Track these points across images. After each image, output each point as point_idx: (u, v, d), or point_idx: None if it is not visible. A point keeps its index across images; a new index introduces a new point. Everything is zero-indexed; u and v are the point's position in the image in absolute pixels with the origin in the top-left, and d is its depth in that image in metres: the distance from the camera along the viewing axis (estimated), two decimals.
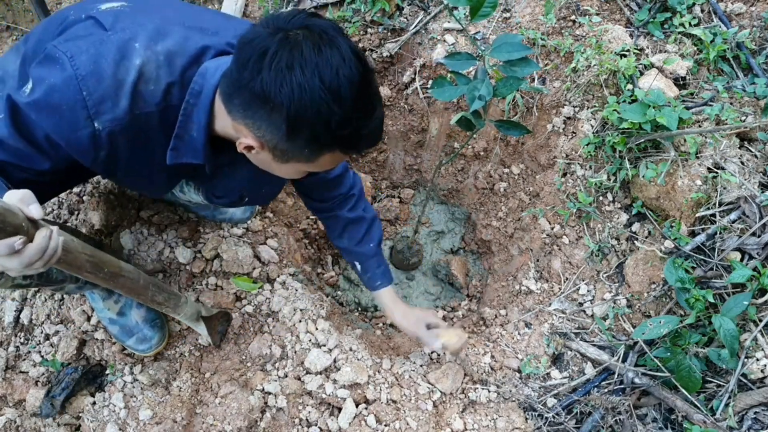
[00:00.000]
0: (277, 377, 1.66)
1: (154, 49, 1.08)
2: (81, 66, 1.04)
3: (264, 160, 1.15)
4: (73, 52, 1.05)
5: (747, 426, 1.46)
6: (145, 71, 1.07)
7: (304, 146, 1.05)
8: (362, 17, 2.24)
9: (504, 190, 2.30)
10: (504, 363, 1.73)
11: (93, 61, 1.05)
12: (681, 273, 1.58)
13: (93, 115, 1.05)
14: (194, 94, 1.13)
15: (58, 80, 1.04)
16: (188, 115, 1.15)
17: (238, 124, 1.08)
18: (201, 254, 1.85)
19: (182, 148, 1.20)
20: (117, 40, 1.07)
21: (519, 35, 1.76)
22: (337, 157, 1.12)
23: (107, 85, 1.05)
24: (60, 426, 1.64)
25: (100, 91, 1.04)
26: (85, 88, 1.04)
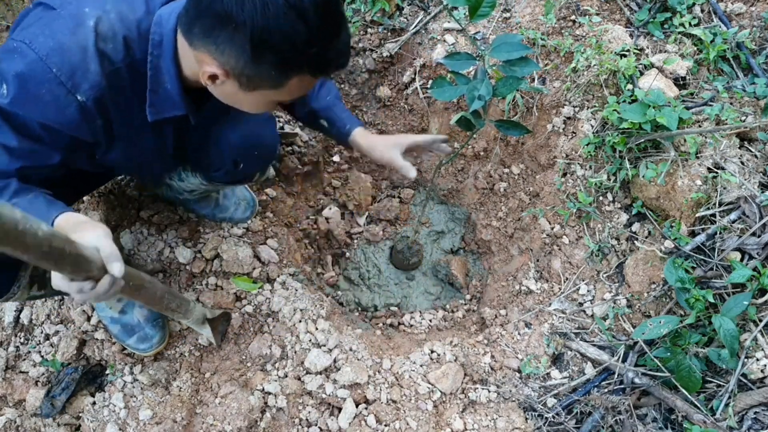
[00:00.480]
0: (277, 377, 1.66)
1: (104, 8, 1.09)
2: (40, 47, 1.04)
3: (230, 92, 1.12)
4: (30, 37, 1.05)
5: (747, 426, 1.46)
6: (100, 31, 1.07)
7: (270, 69, 1.03)
8: (362, 17, 2.24)
9: (504, 190, 2.30)
10: (504, 363, 1.73)
11: (50, 37, 1.05)
12: (681, 273, 1.58)
13: (71, 88, 1.06)
14: (156, 44, 1.12)
15: (24, 67, 1.04)
16: (156, 67, 1.14)
17: (200, 53, 1.05)
18: (201, 254, 1.85)
19: (160, 103, 1.19)
20: (67, 13, 1.08)
21: (518, 35, 1.75)
22: (305, 82, 1.10)
23: (72, 54, 1.05)
24: (60, 426, 1.64)
25: (67, 63, 1.05)
26: (53, 65, 1.04)
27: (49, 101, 1.06)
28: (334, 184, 2.50)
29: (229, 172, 1.51)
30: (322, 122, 1.65)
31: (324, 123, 1.65)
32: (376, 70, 2.30)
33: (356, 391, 1.65)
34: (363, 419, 1.59)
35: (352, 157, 2.50)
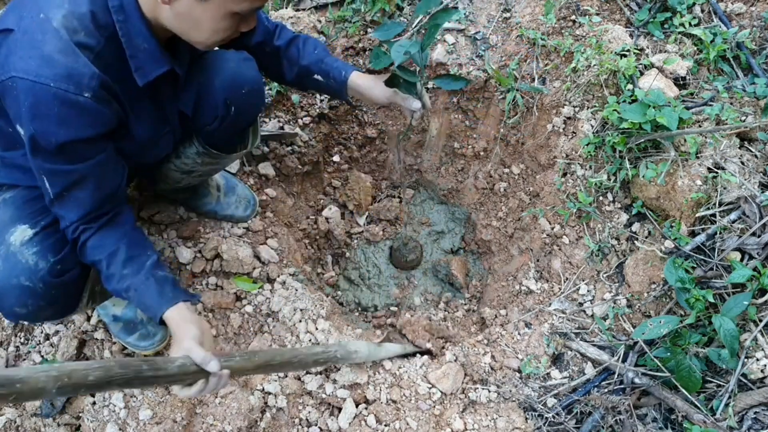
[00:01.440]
0: (277, 377, 1.66)
1: (56, 4, 1.09)
2: (27, 71, 1.06)
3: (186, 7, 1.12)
4: (11, 69, 1.07)
5: (747, 426, 1.46)
6: (67, 25, 1.08)
7: None
8: (362, 17, 2.24)
9: (504, 190, 2.30)
10: (504, 363, 1.73)
11: (29, 58, 1.06)
12: (681, 273, 1.58)
13: (76, 91, 1.08)
14: (117, 9, 1.13)
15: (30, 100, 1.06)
16: (127, 32, 1.15)
17: None
18: (201, 254, 1.85)
19: (145, 65, 1.20)
20: (28, 27, 1.08)
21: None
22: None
23: (57, 61, 1.06)
24: (60, 426, 1.64)
25: (59, 71, 1.06)
26: (48, 80, 1.06)
27: (67, 114, 1.09)
28: (334, 184, 2.50)
29: (224, 120, 1.52)
30: (316, 77, 1.61)
31: (318, 77, 1.61)
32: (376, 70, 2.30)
33: (356, 391, 1.65)
34: (363, 419, 1.59)
35: (352, 157, 2.50)
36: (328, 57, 1.62)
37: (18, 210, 1.31)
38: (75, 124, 1.11)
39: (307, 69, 1.60)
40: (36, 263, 1.26)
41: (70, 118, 1.10)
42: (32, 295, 1.27)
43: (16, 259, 1.26)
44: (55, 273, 1.28)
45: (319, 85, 1.63)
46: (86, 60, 1.09)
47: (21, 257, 1.26)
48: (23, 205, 1.32)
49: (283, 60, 1.60)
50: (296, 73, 1.61)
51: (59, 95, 1.07)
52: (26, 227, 1.29)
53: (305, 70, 1.60)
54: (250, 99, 1.57)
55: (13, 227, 1.29)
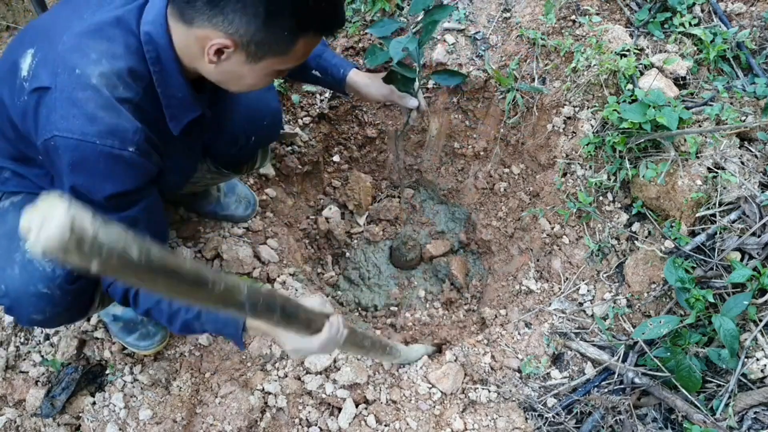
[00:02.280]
0: (277, 377, 1.66)
1: (91, 59, 1.08)
2: (71, 130, 1.05)
3: (234, 67, 1.12)
4: (55, 129, 1.06)
5: (747, 426, 1.46)
6: (106, 82, 1.07)
7: (283, 31, 1.04)
8: (362, 17, 2.24)
9: (504, 190, 2.30)
10: (504, 363, 1.73)
11: (72, 117, 1.06)
12: (681, 273, 1.58)
13: (121, 147, 1.08)
14: (154, 61, 1.12)
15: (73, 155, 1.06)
16: (163, 83, 1.15)
17: (204, 29, 1.05)
18: (201, 254, 1.85)
19: (178, 113, 1.20)
20: (66, 85, 1.07)
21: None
22: (310, 44, 1.11)
23: (100, 119, 1.06)
24: (60, 426, 1.64)
25: (103, 129, 1.06)
26: (93, 138, 1.05)
27: (113, 169, 1.10)
28: (334, 184, 2.50)
29: (243, 149, 1.54)
30: (314, 73, 1.62)
31: (316, 73, 1.62)
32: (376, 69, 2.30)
33: (356, 391, 1.65)
34: (363, 419, 1.59)
35: (352, 157, 2.50)
36: (326, 52, 1.62)
37: None
38: (122, 177, 1.12)
39: (305, 64, 1.59)
40: (53, 270, 1.26)
41: (116, 173, 1.10)
42: (50, 302, 1.27)
43: (33, 267, 1.26)
44: (71, 279, 1.28)
45: (317, 80, 1.64)
46: (128, 115, 1.09)
47: (38, 264, 1.26)
48: None
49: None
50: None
51: (104, 152, 1.06)
52: None
53: (304, 66, 1.59)
54: (270, 129, 1.60)
55: None
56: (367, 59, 1.61)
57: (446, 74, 1.68)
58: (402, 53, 1.45)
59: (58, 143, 1.06)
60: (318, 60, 1.60)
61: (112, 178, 1.10)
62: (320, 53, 1.60)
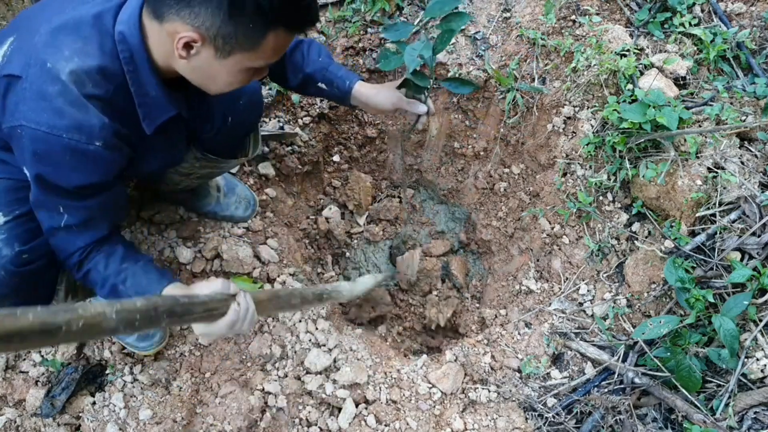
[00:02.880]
0: (277, 377, 1.66)
1: (63, 55, 1.09)
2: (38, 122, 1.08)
3: (204, 63, 1.12)
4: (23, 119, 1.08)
5: (747, 426, 1.46)
6: (75, 78, 1.09)
7: (248, 22, 1.04)
8: (362, 17, 2.24)
9: (504, 190, 2.30)
10: (504, 363, 1.74)
11: (40, 110, 1.08)
12: (681, 273, 1.58)
13: (87, 141, 1.11)
14: (127, 60, 1.13)
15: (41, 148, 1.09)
16: (137, 82, 1.16)
17: (173, 23, 1.05)
18: (201, 254, 1.85)
19: (152, 112, 1.21)
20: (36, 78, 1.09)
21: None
22: (281, 40, 1.11)
23: (67, 113, 1.08)
24: (60, 426, 1.64)
25: (70, 123, 1.08)
26: (60, 131, 1.08)
27: (78, 162, 1.12)
28: (334, 184, 2.50)
29: (221, 131, 1.52)
30: (320, 86, 1.61)
31: (322, 86, 1.60)
32: (376, 69, 2.30)
33: (356, 391, 1.65)
34: (363, 419, 1.59)
35: (352, 157, 2.50)
36: (332, 65, 1.61)
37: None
38: (88, 170, 1.15)
39: (311, 77, 1.58)
40: (0, 250, 1.26)
41: (82, 166, 1.13)
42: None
43: None
44: (19, 263, 1.27)
45: (322, 92, 1.63)
46: (96, 111, 1.11)
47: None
48: (3, 194, 1.32)
49: (288, 66, 1.58)
50: (300, 80, 1.59)
51: (71, 145, 1.09)
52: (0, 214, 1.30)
53: (309, 78, 1.59)
54: (247, 109, 1.57)
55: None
56: (380, 64, 1.59)
57: (457, 82, 1.66)
58: (417, 61, 1.43)
59: (25, 132, 1.09)
60: (324, 72, 1.59)
61: (78, 170, 1.14)
62: (326, 66, 1.60)
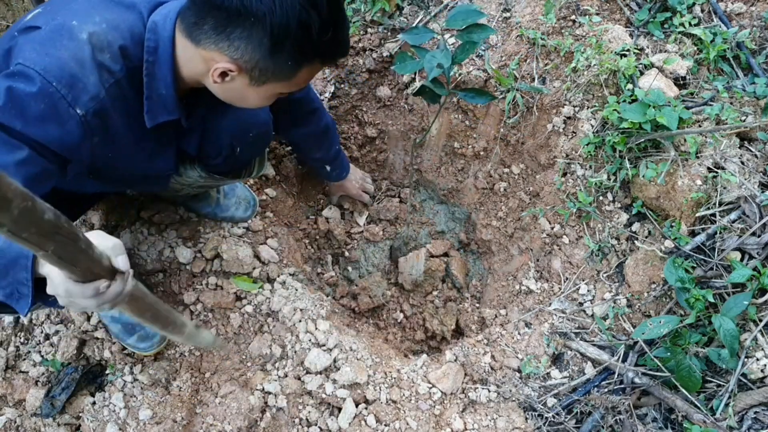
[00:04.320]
0: (277, 377, 1.66)
1: (93, 20, 1.06)
2: (36, 63, 1.01)
3: (237, 88, 1.12)
4: (24, 58, 1.02)
5: (747, 426, 1.46)
6: (95, 42, 1.05)
7: (287, 59, 1.05)
8: (362, 17, 2.24)
9: (504, 190, 2.30)
10: (504, 363, 1.74)
11: (45, 54, 1.02)
12: (681, 273, 1.58)
13: (71, 102, 1.02)
14: (150, 50, 1.11)
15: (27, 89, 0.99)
16: (151, 73, 1.13)
17: (210, 51, 1.05)
18: (201, 254, 1.85)
19: (156, 108, 1.17)
20: (55, 28, 1.05)
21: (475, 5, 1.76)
22: (314, 71, 1.13)
23: (70, 67, 1.02)
24: (60, 426, 1.64)
25: (66, 76, 1.02)
26: (52, 78, 1.01)
27: (48, 116, 1.01)
28: None
29: (228, 159, 1.51)
30: (326, 167, 1.99)
31: (327, 168, 2.00)
32: (376, 69, 2.30)
33: (356, 390, 1.65)
34: (363, 419, 1.59)
35: (352, 157, 2.50)
36: (341, 154, 1.93)
37: None
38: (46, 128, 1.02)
39: (323, 161, 1.92)
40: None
41: (46, 120, 1.01)
42: None
43: None
44: None
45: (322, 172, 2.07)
46: (98, 81, 1.05)
47: None
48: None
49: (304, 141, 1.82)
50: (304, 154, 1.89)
51: (53, 96, 1.00)
52: None
53: (321, 161, 1.91)
54: (257, 141, 1.57)
55: None
56: (396, 66, 1.60)
57: (473, 92, 1.66)
58: (437, 70, 1.43)
59: (18, 69, 1.00)
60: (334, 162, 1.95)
61: (40, 125, 1.01)
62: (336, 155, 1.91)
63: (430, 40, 1.55)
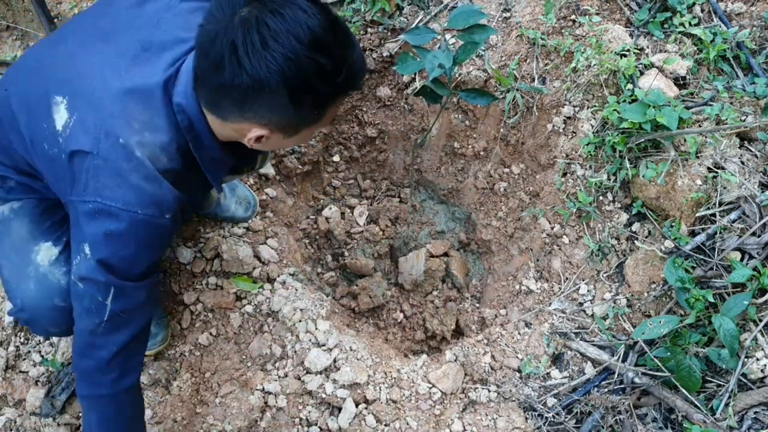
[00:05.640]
0: (277, 377, 1.66)
1: (132, 128, 1.07)
2: (113, 198, 1.06)
3: (274, 143, 1.16)
4: (98, 196, 1.06)
5: (747, 426, 1.46)
6: (149, 155, 1.08)
7: (312, 109, 1.06)
8: (362, 17, 2.24)
9: (504, 190, 2.30)
10: (504, 363, 1.74)
11: (116, 185, 1.07)
12: (681, 273, 1.58)
13: (159, 215, 1.11)
14: (187, 130, 1.13)
15: (116, 227, 1.08)
16: (199, 149, 1.17)
17: (238, 124, 1.07)
18: (201, 254, 1.85)
19: (215, 169, 1.24)
20: (110, 154, 1.06)
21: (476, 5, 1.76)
22: (340, 104, 1.15)
23: (145, 189, 1.08)
24: (60, 426, 1.64)
25: (145, 198, 1.08)
26: (134, 208, 1.07)
27: (151, 238, 1.13)
28: (334, 184, 2.50)
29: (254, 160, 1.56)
30: None
31: None
32: (376, 69, 2.30)
33: (356, 390, 1.65)
34: (363, 419, 1.60)
35: (352, 157, 2.50)
36: None
37: (34, 224, 1.31)
38: (156, 246, 1.16)
39: None
40: (67, 283, 1.26)
41: (153, 242, 1.14)
42: (66, 315, 1.27)
43: (48, 281, 1.27)
44: None
45: None
46: (168, 185, 1.11)
47: (52, 278, 1.27)
48: (39, 219, 1.31)
49: None
50: None
51: (146, 221, 1.09)
52: (50, 245, 1.30)
53: None
54: None
55: (35, 245, 1.29)
56: (398, 67, 1.60)
57: (475, 93, 1.66)
58: (438, 71, 1.42)
59: (98, 208, 1.06)
60: None
61: (150, 247, 1.14)
62: None
63: (431, 40, 1.54)
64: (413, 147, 1.96)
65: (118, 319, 1.16)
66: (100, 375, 1.18)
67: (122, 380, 1.20)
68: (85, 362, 1.19)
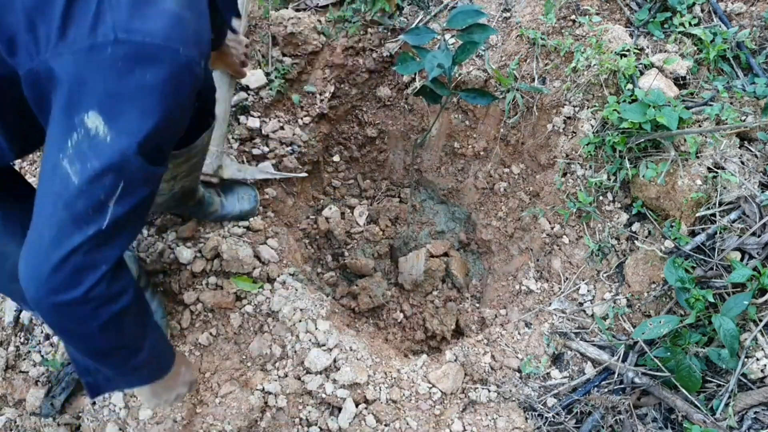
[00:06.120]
0: (277, 377, 1.66)
1: None
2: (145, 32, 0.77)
3: None
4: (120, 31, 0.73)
5: (747, 426, 1.46)
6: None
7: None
8: (362, 17, 2.24)
9: (504, 190, 2.30)
10: (504, 363, 1.74)
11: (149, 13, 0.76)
12: (681, 273, 1.58)
13: (198, 61, 0.81)
14: None
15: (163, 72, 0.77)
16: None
17: None
18: (201, 254, 1.85)
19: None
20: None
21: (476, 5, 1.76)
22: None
23: (185, 17, 0.80)
24: (60, 426, 1.64)
25: (189, 32, 0.81)
26: (175, 44, 0.78)
27: (189, 94, 0.82)
28: (334, 184, 2.50)
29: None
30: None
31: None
32: (376, 69, 2.30)
33: (356, 390, 1.65)
34: (363, 419, 1.59)
35: (352, 157, 2.50)
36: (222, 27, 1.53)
37: None
38: (189, 107, 0.83)
39: None
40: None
41: (188, 103, 0.82)
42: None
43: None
44: None
45: None
46: (207, 21, 0.85)
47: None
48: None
49: None
50: None
51: (189, 66, 0.78)
52: None
53: None
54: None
55: None
56: (398, 67, 1.61)
57: (475, 93, 1.67)
58: (438, 70, 1.43)
59: (123, 52, 0.73)
60: None
61: (186, 107, 0.82)
62: None
63: (431, 40, 1.54)
64: (413, 147, 1.97)
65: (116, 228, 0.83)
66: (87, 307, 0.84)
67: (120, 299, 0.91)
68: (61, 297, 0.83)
